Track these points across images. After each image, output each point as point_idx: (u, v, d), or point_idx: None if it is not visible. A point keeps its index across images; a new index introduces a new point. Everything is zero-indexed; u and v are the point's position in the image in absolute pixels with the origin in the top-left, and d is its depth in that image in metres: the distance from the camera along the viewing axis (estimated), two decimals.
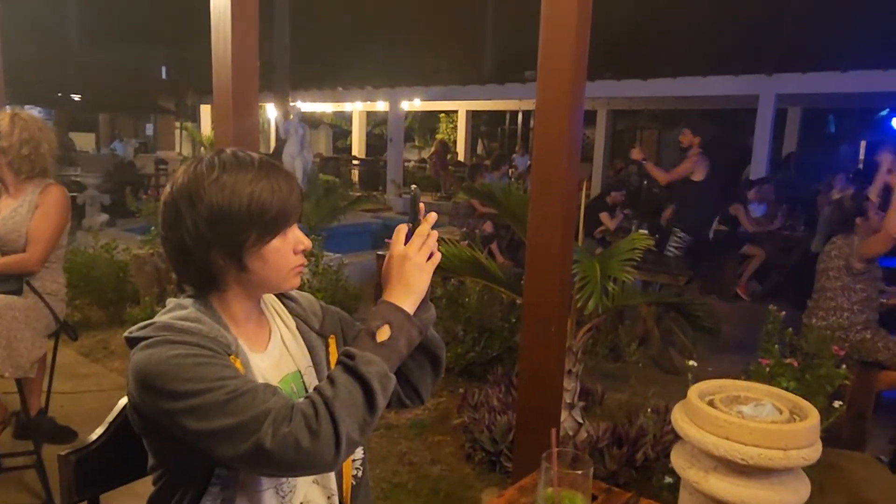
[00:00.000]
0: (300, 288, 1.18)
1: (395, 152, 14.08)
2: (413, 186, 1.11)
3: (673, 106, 13.25)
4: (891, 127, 11.80)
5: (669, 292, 4.22)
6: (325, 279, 4.67)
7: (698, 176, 5.28)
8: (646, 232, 2.62)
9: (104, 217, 8.60)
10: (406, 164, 15.66)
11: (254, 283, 1.04)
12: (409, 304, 1.02)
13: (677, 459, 1.83)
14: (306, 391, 1.08)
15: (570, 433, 2.83)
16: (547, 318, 1.90)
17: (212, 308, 1.04)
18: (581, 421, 2.89)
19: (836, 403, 2.27)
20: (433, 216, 1.08)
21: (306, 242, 1.06)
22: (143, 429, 1.01)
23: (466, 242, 5.39)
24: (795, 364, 2.48)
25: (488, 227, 6.73)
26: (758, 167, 8.88)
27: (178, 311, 1.02)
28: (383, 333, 0.98)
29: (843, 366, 2.53)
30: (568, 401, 2.90)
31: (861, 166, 10.96)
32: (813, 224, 6.41)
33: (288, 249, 1.04)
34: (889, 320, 3.72)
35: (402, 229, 1.06)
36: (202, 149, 13.48)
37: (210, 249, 0.99)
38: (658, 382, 3.79)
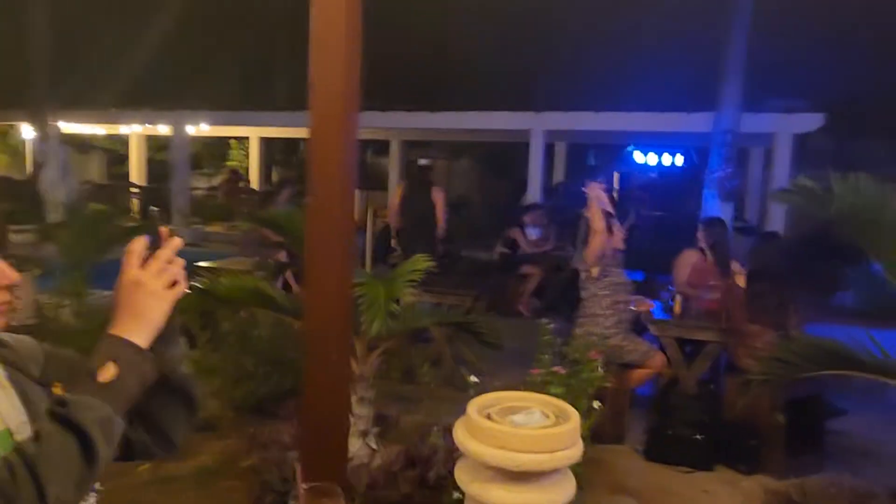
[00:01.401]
0: (60, 333, 0.99)
1: (181, 180, 13.05)
2: (151, 208, 0.98)
3: (459, 138, 14.12)
4: (634, 160, 13.84)
5: (456, 312, 4.40)
6: (91, 321, 4.11)
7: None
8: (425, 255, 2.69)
9: None
10: (195, 192, 14.61)
11: None
12: (141, 336, 0.90)
13: (461, 475, 1.88)
14: None
15: (365, 461, 2.79)
16: (328, 344, 1.85)
17: None
18: (375, 447, 2.86)
19: (595, 404, 2.52)
20: (177, 241, 0.97)
21: (11, 276, 0.90)
22: None
23: (263, 274, 5.13)
24: (562, 371, 2.71)
25: (282, 255, 6.48)
26: (533, 195, 9.77)
27: None
28: (107, 372, 0.85)
29: (600, 369, 2.82)
30: (361, 428, 2.85)
31: (614, 194, 12.62)
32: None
33: None
34: (637, 325, 4.28)
35: (135, 249, 0.93)
36: None
37: None
38: (451, 400, 3.90)
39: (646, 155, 13.57)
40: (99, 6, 12.82)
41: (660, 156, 13.56)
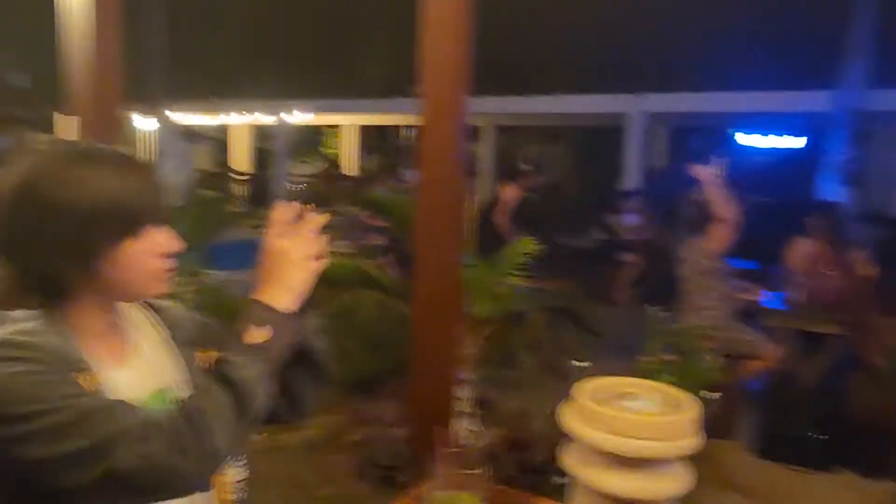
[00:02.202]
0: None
1: (281, 167, 13.68)
2: (297, 186, 1.04)
3: (552, 122, 13.88)
4: (741, 143, 13.06)
5: (556, 298, 4.36)
6: (209, 297, 4.40)
7: None
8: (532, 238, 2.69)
9: None
10: (294, 178, 15.26)
11: (109, 290, 0.93)
12: (285, 302, 0.95)
13: (567, 459, 1.86)
14: None
15: (466, 443, 2.83)
16: (437, 326, 1.89)
17: (57, 320, 0.91)
18: (476, 429, 2.89)
19: (711, 395, 2.43)
20: (323, 217, 1.02)
21: (174, 244, 0.96)
22: None
23: (376, 261, 5.33)
24: (675, 360, 2.63)
25: (379, 239, 6.67)
26: (631, 180, 9.49)
27: (12, 325, 0.88)
28: (255, 335, 0.91)
29: (713, 359, 2.71)
30: (463, 410, 2.89)
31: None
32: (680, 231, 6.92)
33: (148, 252, 0.93)
34: (747, 316, 4.07)
35: (279, 218, 0.98)
36: None
37: (55, 254, 0.87)
38: (549, 387, 3.89)
39: (754, 137, 12.76)
40: (207, 5, 13.60)
41: (770, 138, 12.71)
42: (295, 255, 0.96)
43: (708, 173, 3.70)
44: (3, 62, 14.93)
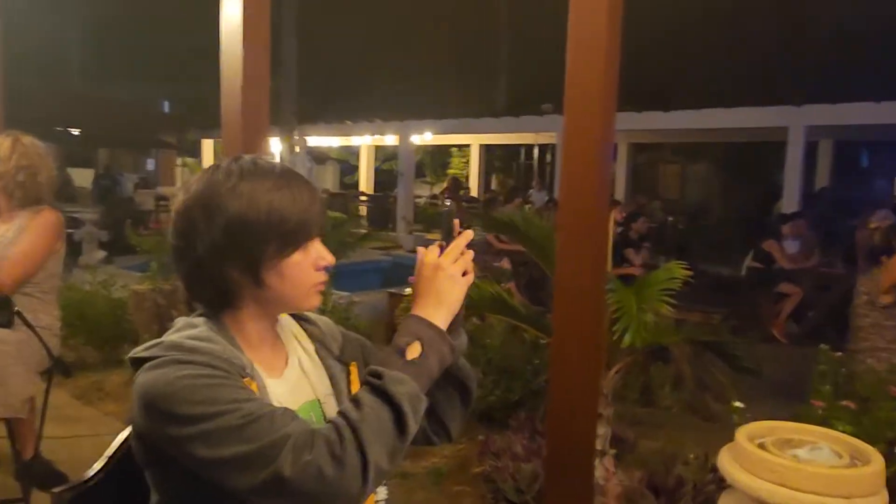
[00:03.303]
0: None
1: (406, 188, 14.08)
2: (447, 202, 1.09)
3: (696, 139, 13.30)
4: None
5: (703, 331, 4.14)
6: (335, 317, 4.63)
7: None
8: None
9: (102, 254, 8.67)
10: (417, 200, 15.72)
11: (271, 300, 1.01)
12: (441, 318, 0.99)
13: None
14: (325, 421, 1.05)
15: (602, 482, 2.75)
16: (576, 355, 1.86)
17: (225, 327, 1.01)
18: (613, 469, 2.80)
19: None
20: (470, 233, 1.05)
21: (329, 258, 1.03)
22: (147, 459, 0.98)
23: (502, 286, 5.37)
24: (853, 406, 2.41)
25: (505, 263, 6.70)
26: (790, 202, 8.85)
27: (187, 329, 1.00)
28: (413, 351, 0.95)
29: None
30: (598, 447, 2.81)
31: None
32: (852, 261, 6.34)
33: (309, 264, 1.01)
34: None
35: (435, 248, 1.04)
36: None
37: (225, 262, 0.97)
38: (694, 429, 3.70)
39: None
40: (333, 28, 14.47)
41: None
42: (449, 270, 1.00)
43: None
44: (152, 92, 16.77)
